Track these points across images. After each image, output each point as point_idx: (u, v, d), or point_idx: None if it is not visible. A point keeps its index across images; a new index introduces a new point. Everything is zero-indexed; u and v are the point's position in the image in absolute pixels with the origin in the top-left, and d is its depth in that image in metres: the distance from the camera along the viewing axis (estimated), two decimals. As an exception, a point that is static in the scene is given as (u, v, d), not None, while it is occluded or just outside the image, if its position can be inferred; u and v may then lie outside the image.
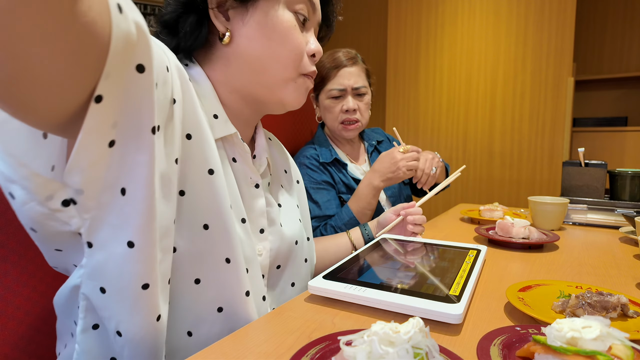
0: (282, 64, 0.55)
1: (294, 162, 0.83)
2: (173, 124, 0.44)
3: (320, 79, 1.20)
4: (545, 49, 2.42)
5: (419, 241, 0.85)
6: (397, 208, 0.88)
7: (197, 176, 0.49)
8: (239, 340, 0.46)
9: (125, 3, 0.34)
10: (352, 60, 1.19)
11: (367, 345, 0.33)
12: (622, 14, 3.17)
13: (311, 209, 1.11)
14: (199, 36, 0.54)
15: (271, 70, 0.56)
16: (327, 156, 1.21)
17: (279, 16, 0.54)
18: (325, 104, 1.22)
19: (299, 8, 0.56)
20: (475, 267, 0.66)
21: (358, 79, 1.19)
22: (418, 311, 0.51)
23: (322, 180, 1.17)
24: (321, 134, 1.28)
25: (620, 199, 1.20)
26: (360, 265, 0.68)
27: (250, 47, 0.54)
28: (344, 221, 1.09)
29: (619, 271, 0.74)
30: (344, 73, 1.18)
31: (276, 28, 0.54)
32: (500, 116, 2.59)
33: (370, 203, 1.10)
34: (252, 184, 0.62)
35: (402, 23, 2.89)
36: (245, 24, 0.54)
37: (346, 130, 1.22)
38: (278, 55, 0.55)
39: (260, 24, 0.54)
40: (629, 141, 2.84)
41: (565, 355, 0.34)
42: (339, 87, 1.18)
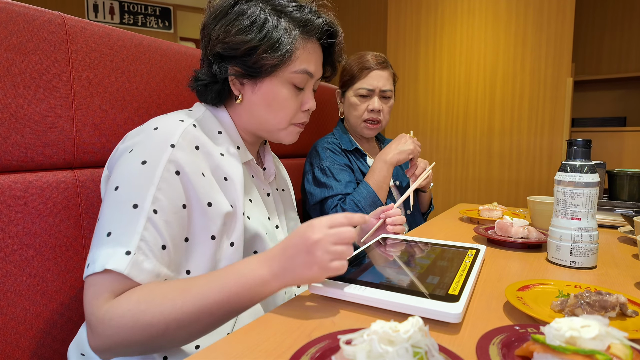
0: (277, 121, 0.75)
1: (286, 173, 1.00)
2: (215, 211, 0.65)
3: (350, 77, 1.27)
4: (544, 50, 2.42)
5: (418, 240, 0.85)
6: (377, 211, 0.91)
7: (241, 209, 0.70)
8: (239, 339, 0.46)
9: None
10: (384, 64, 1.27)
11: (366, 344, 0.33)
12: (621, 14, 3.17)
13: (334, 187, 1.18)
14: (222, 97, 0.75)
15: (269, 125, 0.75)
16: (348, 145, 1.29)
17: (279, 91, 0.73)
18: (351, 101, 1.28)
19: (298, 82, 0.73)
20: (475, 267, 0.66)
21: (387, 82, 1.26)
22: (418, 310, 0.51)
23: (344, 163, 1.24)
24: (342, 127, 1.35)
25: (618, 198, 1.20)
26: (361, 264, 0.68)
27: (256, 108, 0.74)
28: (363, 195, 1.13)
29: (618, 271, 0.74)
30: (375, 75, 1.24)
31: (276, 99, 0.73)
32: (499, 116, 2.59)
33: (386, 177, 1.16)
34: (265, 193, 0.82)
35: (402, 23, 2.89)
36: (254, 93, 0.73)
37: (368, 129, 1.28)
38: (274, 116, 0.74)
39: (264, 95, 0.72)
40: (628, 141, 2.85)
41: (564, 354, 0.34)
42: (368, 87, 1.24)
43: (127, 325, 0.51)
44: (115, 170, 0.61)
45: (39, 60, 0.68)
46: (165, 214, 0.58)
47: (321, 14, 0.75)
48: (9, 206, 0.64)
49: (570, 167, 0.76)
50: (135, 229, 0.55)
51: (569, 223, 0.75)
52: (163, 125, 0.64)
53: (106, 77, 0.78)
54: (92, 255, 0.55)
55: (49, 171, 0.70)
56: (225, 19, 0.70)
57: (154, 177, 0.58)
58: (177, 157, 0.61)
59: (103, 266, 0.52)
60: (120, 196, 0.57)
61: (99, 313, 0.52)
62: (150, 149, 0.60)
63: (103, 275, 0.53)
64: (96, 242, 0.56)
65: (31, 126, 0.67)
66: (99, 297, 0.53)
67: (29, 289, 0.65)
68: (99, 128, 0.77)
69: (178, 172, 0.61)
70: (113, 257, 0.53)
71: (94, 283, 0.53)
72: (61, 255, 0.70)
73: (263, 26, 0.68)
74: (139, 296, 0.53)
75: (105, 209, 0.58)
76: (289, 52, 0.70)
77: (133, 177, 0.58)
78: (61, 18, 0.71)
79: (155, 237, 0.56)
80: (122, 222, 0.56)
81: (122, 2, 3.96)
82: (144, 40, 0.85)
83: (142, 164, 0.59)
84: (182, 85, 0.93)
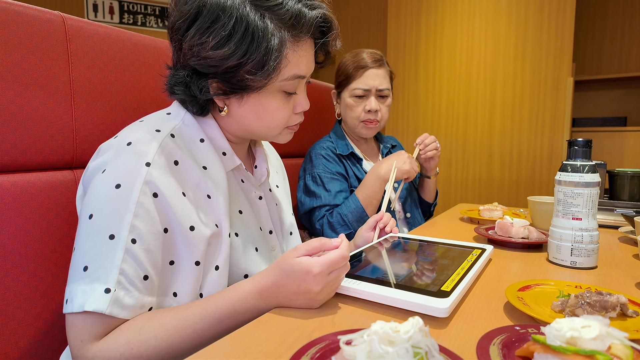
0: (269, 129, 0.69)
1: (280, 160, 0.95)
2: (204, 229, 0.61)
3: (345, 77, 1.23)
4: (544, 49, 2.42)
5: (425, 240, 0.85)
6: (371, 223, 0.88)
7: (233, 219, 0.69)
8: (239, 339, 0.46)
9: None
10: (379, 62, 1.22)
11: (367, 345, 0.33)
12: (621, 14, 3.17)
13: (323, 197, 1.16)
14: (205, 111, 0.67)
15: (260, 133, 0.70)
16: (343, 149, 1.25)
17: (268, 102, 0.65)
18: (347, 102, 1.25)
19: (289, 88, 0.65)
20: (475, 266, 0.66)
21: (383, 81, 1.22)
22: (407, 304, 0.52)
23: (336, 171, 1.20)
24: (339, 129, 1.32)
25: (619, 198, 1.20)
26: (362, 261, 0.69)
27: (244, 120, 0.67)
28: (350, 209, 1.11)
29: (619, 271, 0.74)
30: (370, 74, 1.20)
31: (265, 110, 0.65)
32: (500, 116, 2.59)
33: (377, 192, 1.12)
34: (257, 197, 0.77)
35: (402, 23, 2.89)
36: (241, 106, 0.65)
37: (366, 128, 1.25)
38: (266, 126, 0.68)
39: (252, 107, 0.65)
40: (628, 141, 2.85)
41: (565, 354, 0.34)
42: (364, 87, 1.20)
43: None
44: (89, 193, 0.56)
45: (38, 59, 0.68)
46: (144, 242, 0.54)
47: (314, 4, 0.63)
48: (9, 206, 0.63)
49: (571, 167, 0.75)
50: (113, 262, 0.51)
51: (570, 223, 0.75)
52: (136, 140, 0.58)
53: (106, 76, 0.78)
54: (69, 291, 0.52)
55: (48, 171, 0.70)
56: (197, 22, 0.57)
57: (129, 202, 0.53)
58: (153, 177, 0.56)
59: (82, 307, 0.49)
60: (94, 226, 0.53)
61: (87, 356, 0.50)
62: (124, 170, 0.55)
63: (84, 316, 0.50)
64: (72, 275, 0.53)
65: (30, 126, 0.67)
66: (83, 340, 0.50)
67: (29, 289, 0.65)
68: (99, 128, 0.77)
69: (156, 194, 0.56)
70: (91, 295, 0.50)
71: (75, 324, 0.51)
72: (61, 255, 0.70)
73: (245, 34, 0.57)
74: (127, 338, 0.50)
75: (80, 238, 0.54)
76: (278, 65, 0.60)
77: (107, 203, 0.53)
78: (61, 18, 0.71)
79: (136, 269, 0.53)
80: (99, 255, 0.52)
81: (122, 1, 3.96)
82: (144, 39, 0.85)
83: (116, 188, 0.54)
84: (182, 85, 0.93)
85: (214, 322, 0.53)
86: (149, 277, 0.54)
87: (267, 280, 0.54)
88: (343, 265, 0.55)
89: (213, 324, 0.53)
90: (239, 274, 0.68)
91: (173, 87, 0.65)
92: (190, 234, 0.58)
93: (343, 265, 0.55)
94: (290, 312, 0.53)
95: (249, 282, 0.56)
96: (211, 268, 0.62)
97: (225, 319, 0.53)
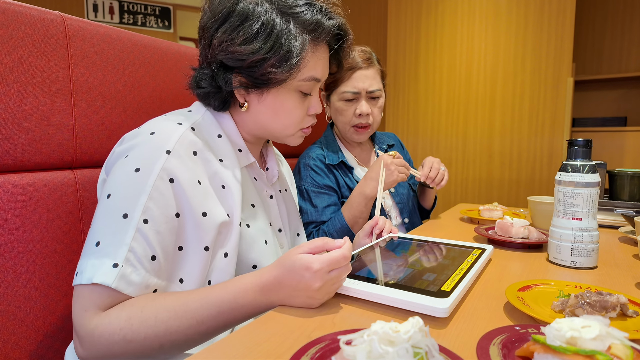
0: (284, 128, 0.73)
1: (289, 168, 0.98)
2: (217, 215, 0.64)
3: (333, 79, 1.15)
4: (544, 49, 2.42)
5: (425, 240, 0.85)
6: (367, 229, 0.87)
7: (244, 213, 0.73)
8: (239, 339, 0.46)
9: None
10: (368, 61, 1.14)
11: (367, 345, 0.33)
12: (621, 14, 3.17)
13: (309, 213, 1.10)
14: (226, 105, 0.72)
15: (275, 131, 0.74)
16: (333, 158, 1.17)
17: (285, 99, 0.70)
18: (337, 106, 1.17)
19: (305, 89, 0.71)
20: (475, 266, 0.66)
21: (373, 82, 1.14)
22: (407, 304, 0.52)
23: (324, 185, 1.14)
24: (330, 134, 1.25)
25: (619, 198, 1.20)
26: (362, 261, 0.69)
27: (262, 116, 0.72)
28: (336, 228, 1.05)
29: (619, 271, 0.74)
30: (359, 76, 1.12)
31: (282, 107, 0.71)
32: (500, 116, 2.59)
33: (362, 212, 1.05)
34: (268, 196, 0.81)
35: (402, 23, 2.89)
36: (260, 102, 0.70)
37: (357, 134, 1.18)
38: (282, 124, 0.72)
39: (271, 104, 0.70)
40: (628, 141, 2.85)
41: (565, 354, 0.34)
42: (353, 90, 1.12)
43: (118, 343, 0.51)
44: (110, 176, 0.59)
45: (38, 59, 0.68)
46: (156, 223, 0.56)
47: (332, 15, 0.70)
48: (9, 206, 0.64)
49: (571, 167, 0.75)
50: (124, 240, 0.54)
51: (570, 223, 0.75)
52: (160, 130, 0.62)
53: (106, 76, 0.78)
54: (80, 264, 0.55)
55: (48, 171, 0.70)
56: (228, 22, 0.64)
57: (146, 185, 0.57)
58: (172, 164, 0.59)
59: (90, 279, 0.52)
60: (111, 205, 0.56)
61: (88, 327, 0.52)
62: (145, 156, 0.59)
63: (91, 287, 0.53)
64: (86, 250, 0.55)
65: (30, 126, 0.67)
66: (87, 310, 0.52)
67: (28, 289, 0.65)
68: (99, 128, 0.77)
69: (172, 179, 0.59)
70: (100, 269, 0.52)
71: (82, 295, 0.53)
72: (60, 255, 0.70)
73: (270, 34, 0.63)
74: (129, 314, 0.52)
75: (96, 217, 0.57)
76: (298, 62, 0.66)
77: (125, 185, 0.57)
78: (61, 18, 0.71)
79: (145, 248, 0.55)
80: (111, 232, 0.55)
81: (122, 1, 3.96)
82: (144, 39, 0.85)
83: (135, 172, 0.57)
84: (182, 85, 0.93)
85: (214, 312, 0.54)
86: (156, 258, 0.56)
87: (269, 276, 0.55)
88: (344, 265, 0.55)
89: (212, 313, 0.54)
90: (247, 264, 0.70)
91: (199, 81, 0.70)
92: (202, 219, 0.61)
93: (344, 266, 0.55)
94: (290, 312, 0.53)
95: (252, 275, 0.57)
96: (220, 255, 0.64)
97: (225, 309, 0.54)
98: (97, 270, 0.52)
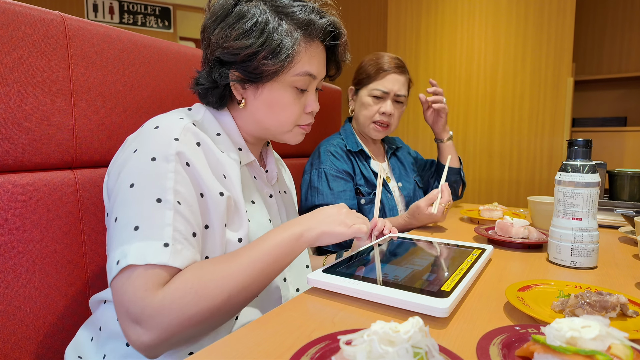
0: (280, 124, 0.75)
1: (291, 176, 1.01)
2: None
3: (367, 75, 1.25)
4: (544, 49, 2.42)
5: (425, 240, 0.85)
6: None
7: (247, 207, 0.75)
8: (239, 340, 0.46)
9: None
10: (402, 69, 1.26)
11: (367, 345, 0.33)
12: (621, 14, 3.17)
13: (325, 194, 1.17)
14: (224, 101, 0.74)
15: (272, 128, 0.75)
16: (353, 146, 1.27)
17: (281, 95, 0.72)
18: (364, 100, 1.26)
19: (300, 85, 0.72)
20: (475, 266, 0.66)
21: (402, 87, 1.25)
22: (407, 304, 0.52)
23: (343, 170, 1.22)
24: (349, 127, 1.34)
25: (619, 199, 1.20)
26: (362, 261, 0.69)
27: (258, 112, 0.73)
28: None
29: (619, 271, 0.74)
30: (392, 78, 1.23)
31: (278, 103, 0.72)
32: (500, 116, 2.59)
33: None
34: (267, 195, 0.82)
35: (402, 23, 2.89)
36: (256, 98, 0.72)
37: (376, 131, 1.27)
38: (278, 120, 0.74)
39: (266, 99, 0.72)
40: (628, 141, 2.85)
41: (565, 354, 0.34)
42: (383, 89, 1.23)
43: (190, 303, 0.52)
44: (125, 170, 0.60)
45: (38, 59, 0.68)
46: (188, 204, 0.59)
47: (324, 14, 0.72)
48: (9, 206, 0.64)
49: (571, 167, 0.75)
50: (165, 221, 0.55)
51: (570, 223, 0.75)
52: (163, 123, 0.63)
53: (105, 76, 0.78)
54: (121, 251, 0.53)
55: (48, 171, 0.70)
56: (225, 21, 0.68)
57: (167, 171, 0.58)
58: (183, 149, 0.61)
59: (145, 260, 0.52)
60: (137, 193, 0.57)
61: (154, 302, 0.51)
62: (156, 146, 0.60)
63: (145, 268, 0.52)
64: (122, 237, 0.55)
65: (30, 126, 0.67)
66: (148, 289, 0.51)
67: (28, 289, 0.65)
68: (99, 128, 0.77)
69: (187, 163, 0.61)
70: (149, 250, 0.53)
71: (138, 277, 0.52)
72: (60, 255, 0.70)
73: (263, 30, 0.66)
74: (193, 274, 0.54)
75: (122, 206, 0.57)
76: (290, 56, 0.68)
77: (147, 173, 0.58)
78: (61, 18, 0.71)
79: (186, 227, 0.57)
80: (149, 216, 0.55)
81: (122, 1, 3.95)
82: (144, 39, 0.85)
83: (152, 161, 0.59)
84: (182, 85, 0.93)
85: (266, 250, 0.59)
86: (196, 234, 0.59)
87: (302, 215, 0.67)
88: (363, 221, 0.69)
89: (266, 251, 0.59)
90: None
91: (198, 79, 0.73)
92: (220, 199, 0.64)
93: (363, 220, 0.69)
94: (290, 312, 0.53)
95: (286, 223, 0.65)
96: (234, 239, 0.67)
97: (275, 245, 0.60)
98: (147, 251, 0.53)
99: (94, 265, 0.75)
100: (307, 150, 1.41)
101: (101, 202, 0.76)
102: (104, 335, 0.62)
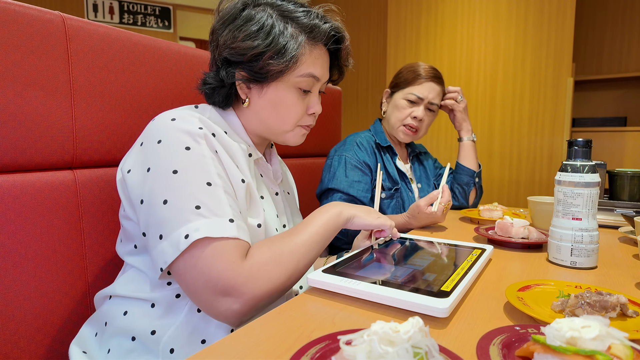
0: (282, 123, 0.76)
1: (293, 182, 1.04)
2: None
3: (405, 80, 1.31)
4: (544, 49, 2.42)
5: (425, 240, 0.85)
6: (365, 233, 0.89)
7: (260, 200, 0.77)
8: (239, 339, 0.46)
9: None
10: (439, 80, 1.32)
11: (367, 345, 0.33)
12: (621, 14, 3.17)
13: (339, 179, 1.21)
14: (229, 101, 0.76)
15: (275, 127, 0.77)
16: (383, 141, 1.33)
17: (285, 95, 0.74)
18: (398, 103, 1.31)
19: (304, 86, 0.74)
20: (475, 266, 0.66)
21: (437, 96, 1.31)
22: (407, 304, 0.52)
23: (363, 161, 1.25)
24: (379, 126, 1.39)
25: (619, 199, 1.20)
26: (362, 261, 0.69)
27: (262, 112, 0.75)
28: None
29: (619, 271, 0.74)
30: (428, 86, 1.29)
31: (282, 103, 0.74)
32: (500, 116, 2.59)
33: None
34: (273, 192, 0.84)
35: (402, 23, 2.89)
36: (260, 97, 0.74)
37: (405, 134, 1.31)
38: (281, 119, 0.76)
39: (271, 99, 0.74)
40: (628, 141, 2.85)
41: (565, 354, 0.34)
42: (418, 95, 1.28)
43: (273, 270, 0.59)
44: (156, 160, 0.61)
45: (38, 59, 0.68)
46: (229, 188, 0.64)
47: (328, 19, 0.75)
48: (8, 206, 0.64)
49: (571, 167, 0.75)
50: (222, 200, 0.60)
51: (570, 223, 0.75)
52: (178, 115, 0.65)
53: (105, 76, 0.78)
54: (187, 228, 0.56)
55: (48, 171, 0.70)
56: (233, 24, 0.71)
57: (205, 157, 0.62)
58: (208, 138, 0.65)
59: (220, 233, 0.57)
60: (185, 178, 0.59)
61: (244, 270, 0.57)
62: (184, 135, 0.63)
63: (221, 243, 0.57)
64: (182, 218, 0.57)
65: (30, 126, 0.67)
66: (234, 261, 0.57)
67: (28, 289, 0.65)
68: (99, 128, 0.77)
69: (216, 151, 0.65)
70: (218, 225, 0.57)
71: (220, 249, 0.57)
72: (60, 255, 0.70)
73: (270, 32, 0.69)
74: (267, 247, 0.61)
75: (170, 191, 0.59)
76: (294, 57, 0.70)
77: (187, 161, 0.61)
78: (60, 18, 0.71)
79: (236, 208, 0.63)
80: (205, 197, 0.59)
81: (122, 1, 3.95)
82: (144, 39, 0.85)
83: (186, 150, 0.61)
84: (182, 85, 0.93)
85: (318, 224, 0.68)
86: (242, 212, 0.65)
87: (334, 202, 0.74)
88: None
89: (317, 225, 0.68)
90: None
91: (205, 79, 0.76)
92: (241, 185, 0.68)
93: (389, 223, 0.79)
94: (290, 312, 0.53)
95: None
96: (255, 224, 0.71)
97: (324, 220, 0.69)
98: (217, 226, 0.57)
99: (94, 266, 0.75)
100: (307, 151, 1.41)
101: (101, 202, 0.76)
102: (110, 330, 0.64)
